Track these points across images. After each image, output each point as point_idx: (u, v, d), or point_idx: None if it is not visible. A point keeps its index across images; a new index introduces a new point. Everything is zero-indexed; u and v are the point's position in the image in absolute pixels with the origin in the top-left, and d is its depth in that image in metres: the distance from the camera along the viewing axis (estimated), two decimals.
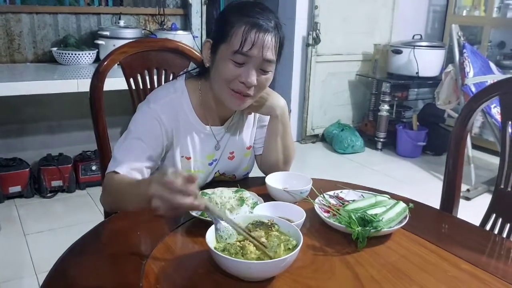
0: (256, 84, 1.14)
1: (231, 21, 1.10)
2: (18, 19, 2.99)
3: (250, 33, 1.08)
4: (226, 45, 1.11)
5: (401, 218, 1.05)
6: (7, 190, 2.85)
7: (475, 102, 1.23)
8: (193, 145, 1.26)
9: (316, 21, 4.09)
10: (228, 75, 1.12)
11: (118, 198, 1.08)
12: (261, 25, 1.09)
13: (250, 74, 1.11)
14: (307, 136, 4.43)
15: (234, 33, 1.09)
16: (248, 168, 1.41)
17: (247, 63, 1.11)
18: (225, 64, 1.12)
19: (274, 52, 1.13)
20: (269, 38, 1.10)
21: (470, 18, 4.36)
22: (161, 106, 1.20)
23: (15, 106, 2.94)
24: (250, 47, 1.08)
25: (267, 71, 1.14)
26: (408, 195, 1.25)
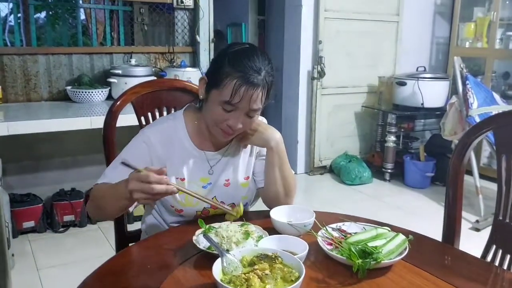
0: (241, 126, 1.26)
1: (224, 71, 1.20)
2: (35, 60, 3.13)
3: (240, 88, 1.18)
4: (217, 92, 1.22)
5: (401, 250, 1.09)
6: (21, 225, 2.92)
7: (468, 137, 1.28)
8: (187, 168, 1.34)
9: (321, 55, 4.20)
10: (217, 118, 1.24)
11: (100, 202, 1.25)
12: (251, 82, 1.18)
13: (237, 120, 1.23)
14: (315, 167, 4.47)
15: (226, 85, 1.19)
16: (246, 198, 1.44)
17: (235, 110, 1.22)
18: (215, 108, 1.23)
19: (261, 101, 1.23)
20: (256, 92, 1.20)
21: (473, 50, 4.44)
22: (154, 131, 1.33)
23: (31, 143, 3.03)
24: (239, 101, 1.19)
25: (253, 116, 1.26)
26: (417, 226, 1.29)
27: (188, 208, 1.36)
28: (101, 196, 1.25)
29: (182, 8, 3.59)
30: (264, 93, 1.22)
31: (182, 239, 1.21)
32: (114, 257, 1.20)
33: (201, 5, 3.56)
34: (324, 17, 4.18)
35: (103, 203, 1.25)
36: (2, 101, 3.01)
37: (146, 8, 3.73)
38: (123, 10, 3.78)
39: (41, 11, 6.03)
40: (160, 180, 1.05)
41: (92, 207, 1.31)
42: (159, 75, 3.43)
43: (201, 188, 1.36)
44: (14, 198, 2.95)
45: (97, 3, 3.97)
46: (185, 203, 1.35)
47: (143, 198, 1.07)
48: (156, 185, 1.04)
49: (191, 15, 3.65)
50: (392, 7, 4.55)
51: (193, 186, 1.35)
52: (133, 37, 3.80)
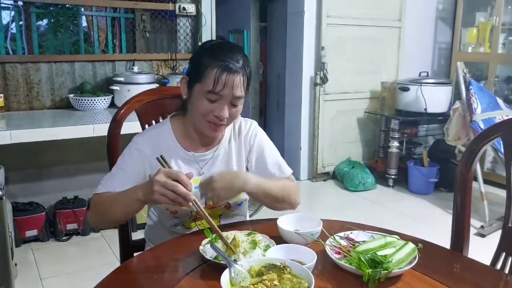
0: (228, 116, 1.28)
1: (204, 63, 1.25)
2: (37, 68, 3.13)
3: (221, 75, 1.23)
4: (200, 85, 1.26)
5: (410, 259, 1.07)
6: (24, 234, 2.90)
7: (476, 144, 1.27)
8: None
9: (323, 61, 4.20)
10: (203, 110, 1.27)
11: (106, 208, 1.25)
12: (231, 68, 1.23)
13: (223, 109, 1.27)
14: (318, 174, 4.45)
15: (207, 75, 1.24)
16: (241, 197, 1.41)
17: (219, 100, 1.26)
18: (200, 101, 1.27)
19: (242, 89, 1.28)
20: (238, 78, 1.25)
21: (475, 55, 4.44)
22: (143, 139, 1.37)
23: (33, 151, 3.02)
24: (222, 88, 1.23)
25: (237, 105, 1.29)
26: (423, 233, 1.27)
27: (182, 209, 1.33)
28: (109, 202, 1.25)
29: (184, 15, 3.59)
30: (244, 80, 1.27)
31: (188, 248, 1.20)
32: (120, 267, 1.19)
33: (204, 12, 3.57)
34: (326, 23, 4.18)
35: (108, 209, 1.25)
36: (4, 110, 3.00)
37: (148, 15, 3.74)
38: (125, 17, 3.79)
39: (43, 19, 6.06)
40: (187, 183, 1.08)
41: (94, 216, 1.31)
42: (162, 82, 3.43)
43: (193, 189, 1.34)
44: (17, 206, 2.93)
45: (99, 11, 3.98)
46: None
47: (161, 193, 1.07)
48: (181, 186, 1.07)
49: (193, 22, 3.65)
50: (394, 13, 4.55)
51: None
52: (135, 44, 3.80)
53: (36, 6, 3.36)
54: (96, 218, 1.31)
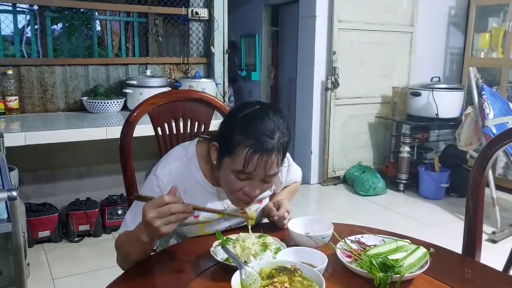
0: (259, 193, 1.20)
1: (235, 139, 1.12)
2: (51, 71, 3.18)
3: (253, 157, 1.10)
4: (230, 160, 1.14)
5: (422, 263, 1.07)
6: (37, 235, 2.94)
7: (490, 149, 1.26)
8: (201, 204, 1.25)
9: (335, 66, 4.20)
10: (232, 187, 1.18)
11: (125, 251, 1.20)
12: (264, 148, 1.10)
13: (253, 188, 1.17)
14: (329, 178, 4.44)
15: (238, 153, 1.11)
16: (259, 218, 1.45)
17: (250, 179, 1.16)
18: (229, 176, 1.17)
19: (277, 166, 1.15)
20: (271, 158, 1.12)
21: (487, 60, 4.41)
22: (166, 174, 1.26)
23: (47, 153, 3.06)
24: (253, 169, 1.12)
25: (269, 181, 1.20)
26: (433, 238, 1.27)
27: (202, 234, 1.34)
28: (124, 244, 1.21)
29: (197, 20, 3.62)
30: (279, 156, 1.14)
31: (199, 250, 1.21)
32: (131, 269, 1.20)
33: (216, 16, 3.59)
34: (338, 28, 4.18)
35: (127, 252, 1.19)
36: (19, 112, 3.05)
37: (160, 20, 3.79)
38: (138, 21, 3.84)
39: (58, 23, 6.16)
40: (175, 199, 1.03)
41: (119, 259, 1.25)
42: (174, 86, 3.45)
43: (216, 220, 1.35)
44: (30, 207, 2.97)
45: (113, 15, 4.04)
46: (199, 232, 1.33)
47: (164, 223, 1.01)
48: (173, 205, 1.01)
49: (205, 26, 3.68)
50: (406, 18, 4.54)
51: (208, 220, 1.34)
52: (148, 48, 3.85)
53: (51, 10, 3.42)
54: (122, 264, 1.24)
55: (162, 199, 1.02)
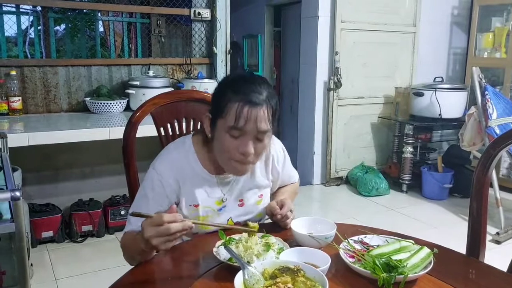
0: (254, 152, 1.22)
1: (225, 98, 1.19)
2: (55, 72, 3.18)
3: (243, 110, 1.16)
4: (222, 120, 1.20)
5: (425, 264, 1.07)
6: (40, 235, 2.94)
7: (493, 149, 1.26)
8: (200, 193, 1.34)
9: (337, 66, 4.19)
10: (227, 147, 1.21)
11: (128, 253, 1.25)
12: (253, 101, 1.17)
13: (247, 145, 1.20)
14: (331, 178, 4.44)
15: (229, 110, 1.18)
16: (261, 215, 1.46)
17: (243, 135, 1.19)
18: (223, 137, 1.21)
19: (267, 122, 1.19)
20: (261, 111, 1.17)
21: (491, 60, 4.39)
22: (164, 165, 1.31)
23: (50, 153, 3.07)
24: (244, 123, 1.17)
25: (262, 139, 1.22)
26: (437, 239, 1.26)
27: (202, 230, 1.35)
28: (128, 247, 1.25)
29: (199, 20, 3.63)
30: (269, 112, 1.19)
31: (202, 250, 1.21)
32: (134, 269, 1.20)
33: (218, 17, 3.60)
34: (340, 28, 4.18)
35: (132, 255, 1.23)
36: (22, 112, 3.06)
37: (163, 20, 3.79)
38: (140, 22, 3.84)
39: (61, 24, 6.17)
40: (174, 218, 1.03)
41: (126, 258, 1.29)
42: (177, 87, 3.46)
43: (216, 211, 1.37)
44: (33, 208, 2.98)
45: (115, 16, 4.05)
46: (200, 226, 1.34)
47: (162, 242, 1.03)
48: (172, 224, 1.02)
49: (208, 26, 3.68)
50: (409, 18, 4.53)
51: (208, 211, 1.36)
52: (151, 49, 3.85)
53: (54, 11, 3.43)
54: (129, 261, 1.28)
55: (161, 219, 1.02)
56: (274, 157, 1.45)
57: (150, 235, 1.03)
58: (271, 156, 1.45)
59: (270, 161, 1.45)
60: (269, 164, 1.45)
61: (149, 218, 1.04)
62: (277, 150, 1.47)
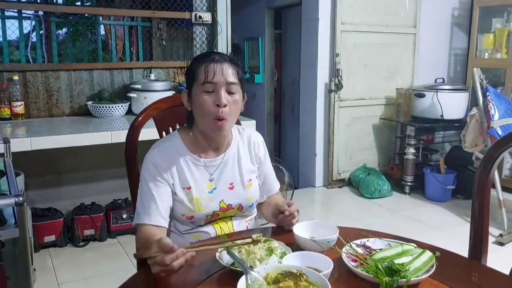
0: (227, 104, 1.34)
1: (195, 66, 1.37)
2: (57, 76, 3.19)
3: (209, 66, 1.33)
4: (196, 83, 1.36)
5: (428, 267, 1.07)
6: (42, 240, 2.95)
7: (494, 151, 1.26)
8: (192, 176, 1.42)
9: (338, 68, 4.20)
10: (204, 105, 1.34)
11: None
12: (217, 59, 1.35)
13: (220, 95, 1.33)
14: (334, 180, 4.44)
15: (198, 72, 1.35)
16: (252, 199, 1.51)
17: (215, 89, 1.33)
18: (199, 97, 1.35)
19: (234, 76, 1.36)
20: (226, 65, 1.35)
21: (492, 61, 4.39)
22: (155, 153, 1.41)
23: (52, 157, 3.07)
24: (213, 75, 1.32)
25: (233, 92, 1.36)
26: (440, 241, 1.26)
27: (198, 213, 1.41)
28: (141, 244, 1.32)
29: (200, 24, 3.63)
30: (234, 68, 1.35)
31: (205, 255, 1.21)
32: (137, 274, 1.21)
33: (219, 20, 3.60)
34: (340, 30, 4.18)
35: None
36: (25, 117, 3.07)
37: (164, 24, 3.80)
38: (142, 26, 3.85)
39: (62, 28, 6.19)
40: (176, 256, 1.06)
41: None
42: (178, 90, 3.46)
43: (207, 194, 1.43)
44: (36, 212, 2.98)
45: (117, 20, 4.06)
46: (195, 209, 1.41)
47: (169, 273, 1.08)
48: (174, 263, 1.06)
49: (209, 30, 3.69)
50: (409, 20, 4.54)
51: (200, 193, 1.42)
52: (152, 52, 3.86)
53: (56, 15, 3.44)
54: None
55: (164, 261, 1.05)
56: (255, 144, 1.55)
57: (157, 272, 1.07)
58: (252, 142, 1.54)
59: (252, 147, 1.54)
60: (252, 150, 1.54)
61: (153, 258, 1.07)
62: (258, 140, 1.57)
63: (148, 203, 1.35)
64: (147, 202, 1.35)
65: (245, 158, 1.51)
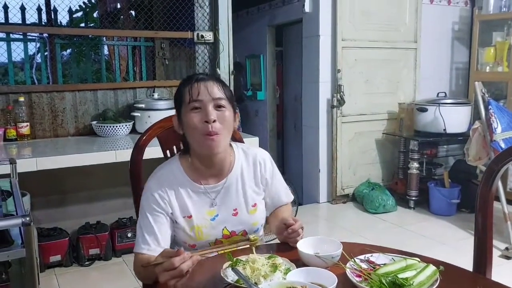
0: (217, 120, 1.31)
1: (181, 88, 1.37)
2: (62, 97, 3.23)
3: (194, 85, 1.33)
4: (183, 105, 1.35)
5: (432, 281, 1.07)
6: (48, 260, 2.95)
7: (496, 164, 1.27)
8: (192, 204, 1.40)
9: (340, 84, 4.23)
10: (193, 123, 1.32)
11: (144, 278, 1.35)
12: (201, 78, 1.35)
13: (208, 112, 1.31)
14: (337, 196, 4.43)
15: (184, 92, 1.34)
16: (257, 224, 1.48)
17: (202, 107, 1.32)
18: (188, 118, 1.33)
19: (221, 92, 1.34)
20: (211, 83, 1.34)
21: (493, 74, 4.41)
22: (155, 181, 1.40)
23: (57, 177, 3.09)
24: (197, 94, 1.32)
25: (222, 106, 1.34)
26: (446, 255, 1.26)
27: (200, 242, 1.40)
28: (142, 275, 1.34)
29: (202, 43, 3.68)
30: (219, 85, 1.34)
31: (209, 272, 1.21)
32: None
33: (221, 39, 3.65)
34: (341, 46, 4.22)
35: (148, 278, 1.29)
36: (30, 138, 3.10)
37: (167, 43, 3.85)
38: (145, 45, 3.90)
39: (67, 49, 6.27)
40: (183, 258, 1.07)
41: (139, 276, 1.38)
42: None
43: (209, 221, 1.40)
44: (41, 232, 2.99)
45: (120, 40, 4.12)
46: (196, 238, 1.39)
47: (178, 281, 1.09)
48: (183, 265, 1.07)
49: (211, 48, 3.74)
50: (409, 35, 4.58)
51: (202, 221, 1.39)
52: (155, 72, 3.91)
53: (60, 37, 3.49)
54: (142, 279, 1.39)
55: (173, 264, 1.06)
56: (261, 165, 1.50)
57: (166, 279, 1.07)
58: (258, 163, 1.49)
59: (258, 168, 1.49)
60: (258, 172, 1.49)
61: (160, 265, 1.08)
62: (265, 159, 1.52)
63: (146, 233, 1.34)
64: (146, 231, 1.35)
65: (249, 181, 1.47)
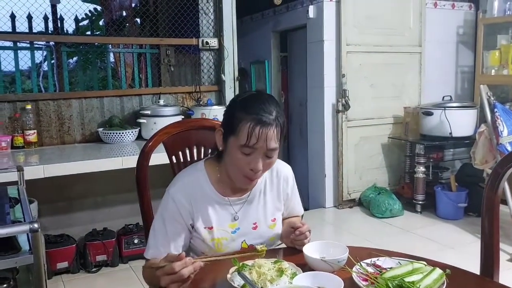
0: (262, 168, 1.29)
1: (237, 117, 1.26)
2: (68, 104, 3.26)
3: (255, 129, 1.23)
4: (234, 138, 1.27)
5: (438, 285, 1.07)
6: (55, 266, 2.96)
7: (501, 167, 1.26)
8: (214, 215, 1.39)
9: (345, 88, 4.23)
10: (238, 163, 1.29)
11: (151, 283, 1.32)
12: (264, 121, 1.23)
13: (257, 162, 1.27)
14: (344, 201, 4.42)
15: (241, 129, 1.24)
16: (275, 239, 1.48)
17: (253, 153, 1.26)
18: (235, 154, 1.28)
19: (276, 140, 1.27)
20: (271, 130, 1.24)
21: (499, 78, 4.39)
22: (178, 189, 1.37)
23: (64, 184, 3.12)
24: (256, 142, 1.24)
25: (271, 156, 1.30)
26: (453, 259, 1.26)
27: (219, 253, 1.38)
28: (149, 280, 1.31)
29: (207, 49, 3.71)
30: (278, 131, 1.26)
31: (216, 277, 1.22)
32: None
33: (226, 45, 3.68)
34: (346, 51, 4.23)
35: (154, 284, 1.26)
36: (37, 145, 3.12)
37: (172, 50, 3.87)
38: (150, 52, 3.93)
39: (73, 57, 6.34)
40: (184, 263, 1.07)
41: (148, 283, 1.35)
42: (187, 114, 3.51)
43: (230, 234, 1.40)
44: (49, 239, 3.01)
45: (126, 47, 4.15)
46: (216, 249, 1.39)
47: (177, 286, 1.09)
48: (184, 270, 1.07)
49: (216, 55, 3.76)
50: (414, 39, 4.58)
51: (223, 233, 1.39)
52: (161, 78, 3.93)
53: (67, 45, 3.53)
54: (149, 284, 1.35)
55: (173, 269, 1.06)
56: (284, 180, 1.50)
57: (166, 283, 1.08)
58: (281, 179, 1.49)
59: (281, 184, 1.49)
60: (280, 186, 1.49)
61: (161, 269, 1.09)
62: (288, 174, 1.52)
63: (160, 240, 1.34)
64: (159, 238, 1.34)
65: (271, 196, 1.47)
